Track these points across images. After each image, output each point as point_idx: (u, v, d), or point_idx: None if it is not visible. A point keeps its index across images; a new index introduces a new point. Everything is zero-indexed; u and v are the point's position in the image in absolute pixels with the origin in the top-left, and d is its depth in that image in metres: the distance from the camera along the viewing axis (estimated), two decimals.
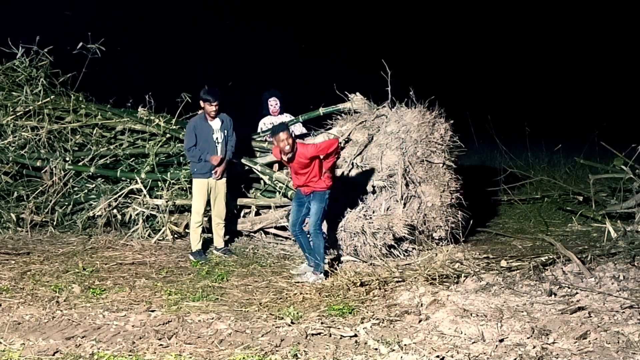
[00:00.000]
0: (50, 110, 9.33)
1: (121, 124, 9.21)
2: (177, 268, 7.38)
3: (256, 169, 8.39)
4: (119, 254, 7.87)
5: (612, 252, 7.20)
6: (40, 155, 9.08)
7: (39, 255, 7.71)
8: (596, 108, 18.25)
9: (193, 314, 5.65)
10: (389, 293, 6.27)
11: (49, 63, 9.60)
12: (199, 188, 7.75)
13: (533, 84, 22.32)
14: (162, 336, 5.10)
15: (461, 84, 21.30)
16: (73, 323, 5.39)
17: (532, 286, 6.27)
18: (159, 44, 21.56)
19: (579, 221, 9.24)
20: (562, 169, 12.49)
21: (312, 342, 5.01)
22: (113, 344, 4.96)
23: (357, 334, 5.16)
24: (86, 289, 6.40)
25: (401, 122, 7.92)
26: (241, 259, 7.75)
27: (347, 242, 7.59)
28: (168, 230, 8.44)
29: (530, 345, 4.84)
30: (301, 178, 6.90)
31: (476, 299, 5.92)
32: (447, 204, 7.85)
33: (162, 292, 6.36)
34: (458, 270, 6.89)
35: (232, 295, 6.33)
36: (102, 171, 8.99)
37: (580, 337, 4.93)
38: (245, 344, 4.95)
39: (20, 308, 5.78)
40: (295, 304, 5.98)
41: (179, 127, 8.82)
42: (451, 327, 5.22)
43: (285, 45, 23.33)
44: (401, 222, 7.47)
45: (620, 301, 5.69)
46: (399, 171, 7.64)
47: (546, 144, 12.70)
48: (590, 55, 23.06)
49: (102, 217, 8.63)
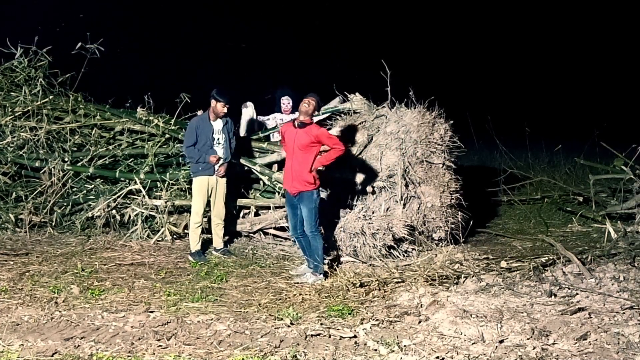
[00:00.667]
0: (49, 110, 9.32)
1: (120, 125, 9.20)
2: (176, 269, 7.36)
3: (255, 170, 8.38)
4: (117, 254, 7.85)
5: (613, 252, 7.19)
6: (38, 156, 9.07)
7: (38, 256, 7.69)
8: (596, 108, 18.26)
9: (192, 314, 5.64)
10: (389, 294, 6.26)
11: (47, 63, 9.59)
12: (199, 187, 7.73)
13: (533, 84, 22.34)
14: (161, 337, 5.08)
15: (461, 84, 21.32)
16: (72, 324, 5.37)
17: (532, 287, 6.25)
18: (158, 44, 21.57)
19: (579, 222, 9.24)
20: (562, 170, 12.50)
21: (311, 343, 5.00)
22: (112, 344, 4.94)
23: (356, 334, 5.14)
24: (85, 290, 6.38)
25: (401, 123, 7.91)
26: (240, 259, 7.73)
27: (346, 242, 7.58)
28: (167, 231, 8.42)
29: (530, 346, 4.83)
30: (292, 164, 6.86)
31: (476, 299, 5.91)
32: (447, 204, 7.82)
33: (161, 293, 6.34)
34: (458, 271, 6.89)
35: (232, 296, 6.32)
36: (101, 172, 8.98)
37: (581, 338, 4.92)
38: (245, 345, 4.94)
39: (19, 309, 5.76)
40: (294, 305, 5.97)
41: (178, 127, 8.82)
42: (451, 328, 5.21)
43: (285, 46, 23.34)
44: (401, 223, 7.45)
45: (621, 302, 5.67)
46: (398, 172, 7.62)
47: (546, 144, 12.70)
48: (591, 56, 23.07)
49: (101, 218, 8.62)
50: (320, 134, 6.83)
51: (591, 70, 22.12)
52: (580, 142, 11.53)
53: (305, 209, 6.86)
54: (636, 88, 19.10)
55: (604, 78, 21.51)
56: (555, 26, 24.59)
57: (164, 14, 22.67)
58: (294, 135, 6.85)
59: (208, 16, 23.98)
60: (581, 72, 21.97)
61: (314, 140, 6.79)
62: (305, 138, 6.79)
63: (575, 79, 21.76)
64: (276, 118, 9.05)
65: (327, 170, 7.52)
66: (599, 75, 21.73)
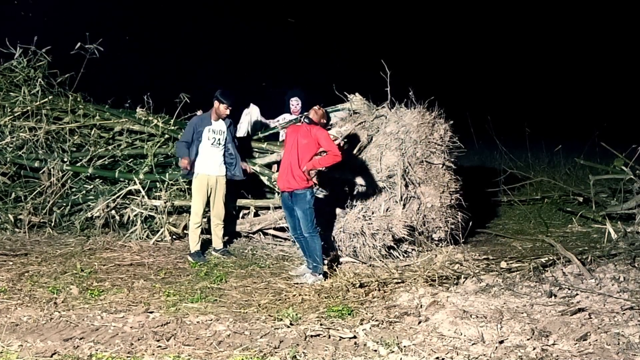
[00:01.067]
0: (48, 110, 9.31)
1: (119, 125, 9.19)
2: (176, 269, 7.34)
3: (255, 170, 8.36)
4: (117, 255, 7.83)
5: (613, 253, 7.17)
6: (38, 156, 9.06)
7: (37, 257, 7.67)
8: (596, 108, 18.26)
9: (191, 315, 5.62)
10: (389, 294, 6.25)
11: (46, 63, 9.58)
12: (199, 187, 7.72)
13: (533, 84, 22.34)
14: (161, 338, 5.07)
15: (461, 84, 21.32)
16: (71, 324, 5.36)
17: (532, 287, 6.24)
18: (157, 44, 21.56)
19: (579, 222, 9.23)
20: (562, 170, 12.49)
21: (311, 343, 4.98)
22: (111, 345, 4.93)
23: (356, 335, 5.13)
24: (84, 290, 6.36)
25: (400, 123, 7.90)
26: (240, 260, 7.72)
27: (346, 243, 7.56)
28: (166, 231, 8.41)
29: (530, 346, 4.82)
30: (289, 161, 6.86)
31: (476, 300, 5.90)
32: (447, 204, 7.81)
33: (161, 294, 6.33)
34: (458, 271, 6.88)
35: (231, 296, 6.30)
36: (100, 172, 8.97)
37: (581, 339, 4.91)
38: (244, 346, 4.92)
39: (18, 309, 5.74)
40: (294, 306, 5.95)
41: (177, 127, 8.80)
42: (451, 328, 5.19)
43: (285, 45, 23.34)
44: (400, 223, 7.44)
45: (621, 302, 5.66)
46: (398, 172, 7.60)
47: (546, 144, 12.69)
48: (591, 56, 23.08)
49: (100, 218, 8.60)
50: (320, 135, 6.82)
51: (591, 70, 22.13)
52: (580, 142, 11.53)
53: (299, 211, 6.84)
54: (636, 88, 19.10)
55: (604, 78, 21.52)
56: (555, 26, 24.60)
57: (163, 13, 22.67)
58: (297, 132, 6.89)
59: (208, 16, 23.98)
60: (581, 72, 21.98)
61: (312, 140, 6.78)
62: (306, 136, 6.81)
63: (576, 79, 21.78)
64: (285, 119, 9.00)
65: (327, 170, 7.52)
66: (599, 75, 21.74)
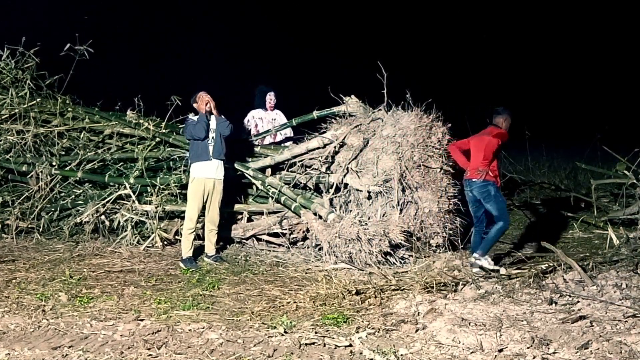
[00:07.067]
0: (37, 113, 9.37)
1: (109, 128, 9.20)
2: (167, 276, 7.30)
3: (248, 174, 8.31)
4: (107, 261, 7.80)
5: (615, 259, 7.15)
6: (26, 160, 9.11)
7: (25, 263, 7.64)
8: (598, 112, 18.38)
9: (183, 323, 5.58)
10: (385, 302, 6.21)
11: (35, 65, 9.61)
12: (195, 191, 7.63)
13: (534, 87, 22.49)
14: (152, 346, 5.02)
15: (459, 86, 21.44)
16: (60, 332, 5.32)
17: (532, 294, 6.21)
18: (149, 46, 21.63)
19: (581, 228, 9.24)
20: (562, 174, 12.51)
21: (305, 352, 4.93)
22: (101, 354, 4.88)
23: (352, 343, 5.08)
24: (73, 298, 6.33)
25: (397, 126, 7.89)
26: (233, 266, 7.67)
27: (342, 249, 7.50)
28: (157, 237, 8.37)
29: (530, 355, 4.78)
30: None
31: (475, 307, 5.86)
32: (445, 209, 7.80)
33: (152, 301, 6.28)
34: (456, 278, 6.86)
35: (224, 303, 6.25)
36: (89, 176, 8.97)
37: (582, 347, 4.86)
38: (237, 354, 4.87)
39: (5, 317, 5.71)
40: (288, 313, 5.91)
41: (168, 130, 8.80)
42: (449, 336, 5.15)
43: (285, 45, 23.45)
44: (397, 229, 7.40)
45: (623, 310, 5.63)
46: (395, 176, 7.58)
47: (546, 148, 12.74)
48: (593, 59, 23.26)
49: (90, 224, 8.59)
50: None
51: (593, 74, 22.31)
52: (581, 146, 11.57)
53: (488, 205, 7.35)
54: (638, 91, 19.22)
55: (605, 82, 21.70)
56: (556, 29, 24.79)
57: (154, 15, 22.76)
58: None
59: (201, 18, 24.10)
60: (583, 76, 22.16)
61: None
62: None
63: (577, 82, 21.95)
64: (255, 117, 9.00)
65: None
66: (600, 79, 21.92)
